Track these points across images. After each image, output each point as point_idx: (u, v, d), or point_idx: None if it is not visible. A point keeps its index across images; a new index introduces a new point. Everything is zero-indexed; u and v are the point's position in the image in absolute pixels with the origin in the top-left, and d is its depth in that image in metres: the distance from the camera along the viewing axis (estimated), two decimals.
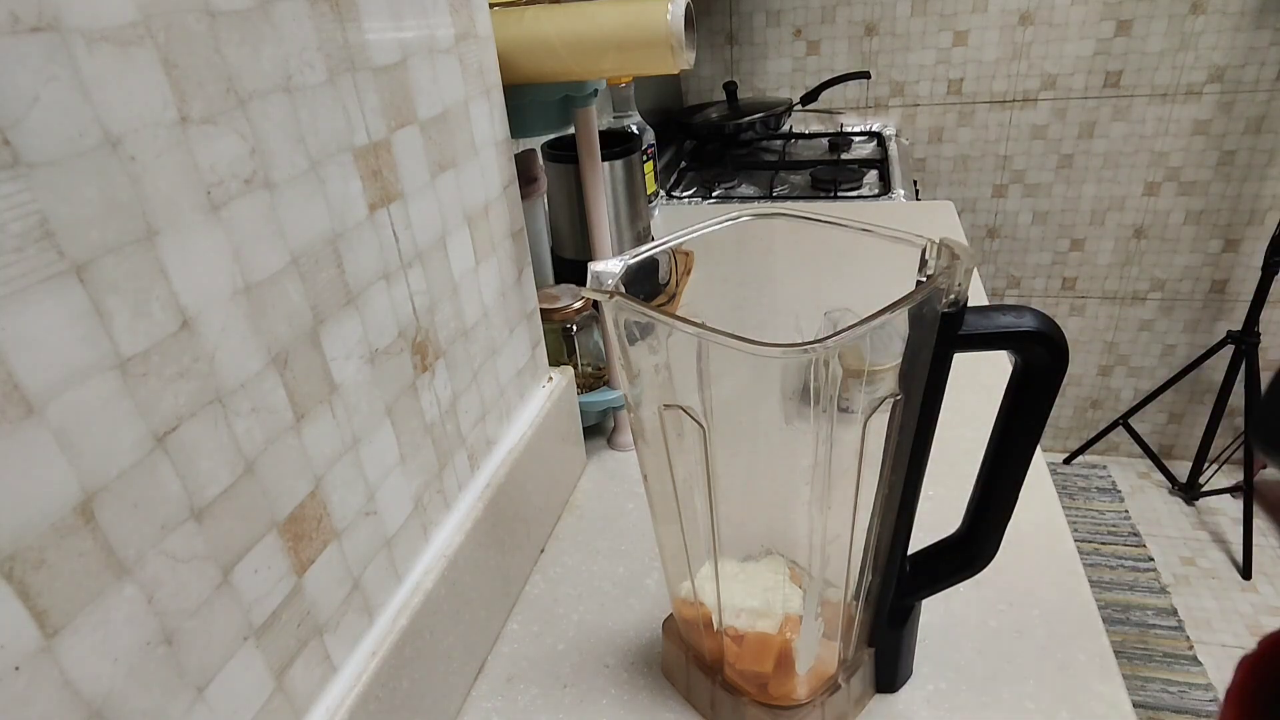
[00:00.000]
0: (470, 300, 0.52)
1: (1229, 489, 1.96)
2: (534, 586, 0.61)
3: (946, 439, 0.45)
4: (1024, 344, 0.38)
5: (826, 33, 1.83)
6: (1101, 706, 0.47)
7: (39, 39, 0.23)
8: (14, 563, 0.23)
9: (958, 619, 0.53)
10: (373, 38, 0.40)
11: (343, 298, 0.39)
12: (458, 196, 0.50)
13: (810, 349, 0.31)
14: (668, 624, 0.51)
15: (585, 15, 0.56)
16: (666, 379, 0.39)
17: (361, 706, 0.39)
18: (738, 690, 0.45)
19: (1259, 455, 1.77)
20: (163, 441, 0.28)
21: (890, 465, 0.39)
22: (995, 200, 1.96)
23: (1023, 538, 0.59)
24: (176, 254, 0.29)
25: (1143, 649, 1.63)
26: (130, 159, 0.26)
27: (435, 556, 0.48)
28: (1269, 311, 1.90)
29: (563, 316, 0.71)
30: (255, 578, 0.33)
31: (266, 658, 0.34)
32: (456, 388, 0.51)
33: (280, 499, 0.35)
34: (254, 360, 0.33)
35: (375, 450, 0.42)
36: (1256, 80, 1.71)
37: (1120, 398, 2.13)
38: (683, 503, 0.42)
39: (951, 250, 0.36)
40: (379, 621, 0.43)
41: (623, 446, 0.76)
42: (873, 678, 0.48)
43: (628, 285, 0.39)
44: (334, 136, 0.37)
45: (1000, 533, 0.44)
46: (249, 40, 0.31)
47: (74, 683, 0.25)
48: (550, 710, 0.50)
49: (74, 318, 0.25)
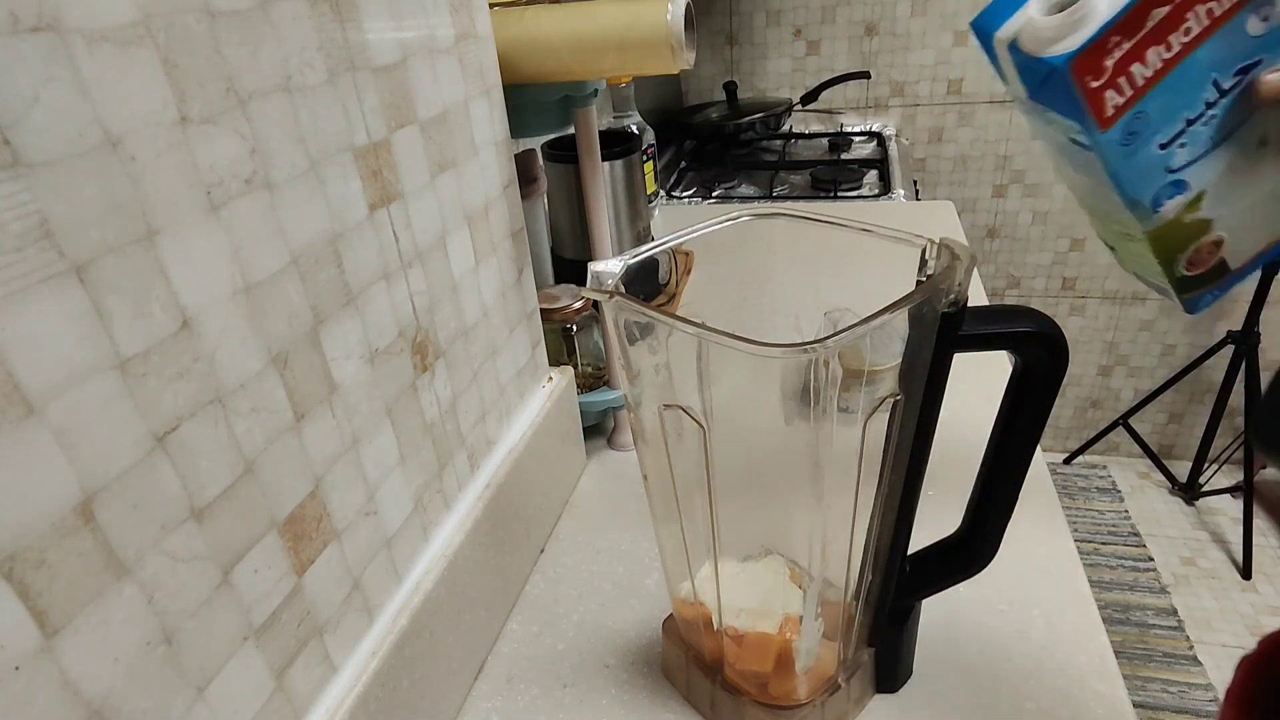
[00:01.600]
0: (470, 300, 0.52)
1: (1229, 489, 1.96)
2: (534, 586, 0.61)
3: (946, 439, 0.45)
4: (1024, 344, 0.38)
5: (826, 33, 1.83)
6: (1101, 707, 0.47)
7: (39, 39, 0.23)
8: (14, 563, 0.23)
9: (958, 619, 0.53)
10: (373, 38, 0.40)
11: (343, 298, 0.39)
12: (458, 196, 0.50)
13: (810, 349, 0.31)
14: (668, 624, 0.51)
15: (585, 15, 0.56)
16: (666, 379, 0.39)
17: (361, 706, 0.39)
18: (738, 690, 0.45)
19: (1259, 455, 1.78)
20: (163, 441, 0.28)
21: (890, 465, 0.39)
22: (995, 200, 1.95)
23: (1023, 538, 0.59)
24: (176, 254, 0.29)
25: (1143, 649, 1.63)
26: (130, 159, 0.26)
27: (435, 556, 0.48)
28: (1269, 311, 1.90)
29: (563, 316, 0.71)
30: (255, 578, 0.33)
31: (266, 658, 0.34)
32: (456, 388, 0.51)
33: (280, 499, 0.35)
34: (254, 360, 0.33)
35: (375, 450, 0.42)
36: None
37: (1120, 398, 2.13)
38: (683, 503, 0.42)
39: (951, 250, 0.36)
40: (379, 621, 0.43)
41: (623, 446, 0.76)
42: (873, 678, 0.48)
43: (628, 285, 0.39)
44: (334, 136, 0.37)
45: (1000, 533, 0.44)
46: (249, 40, 0.31)
47: (74, 683, 0.25)
48: (550, 710, 0.50)
49: (74, 318, 0.25)
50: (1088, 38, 0.34)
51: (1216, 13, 0.33)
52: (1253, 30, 0.34)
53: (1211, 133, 0.38)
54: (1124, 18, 0.33)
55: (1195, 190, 0.40)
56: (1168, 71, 0.35)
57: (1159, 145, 0.38)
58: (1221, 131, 0.38)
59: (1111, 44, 0.34)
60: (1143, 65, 0.35)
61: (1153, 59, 0.35)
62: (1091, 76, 0.35)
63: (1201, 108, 0.37)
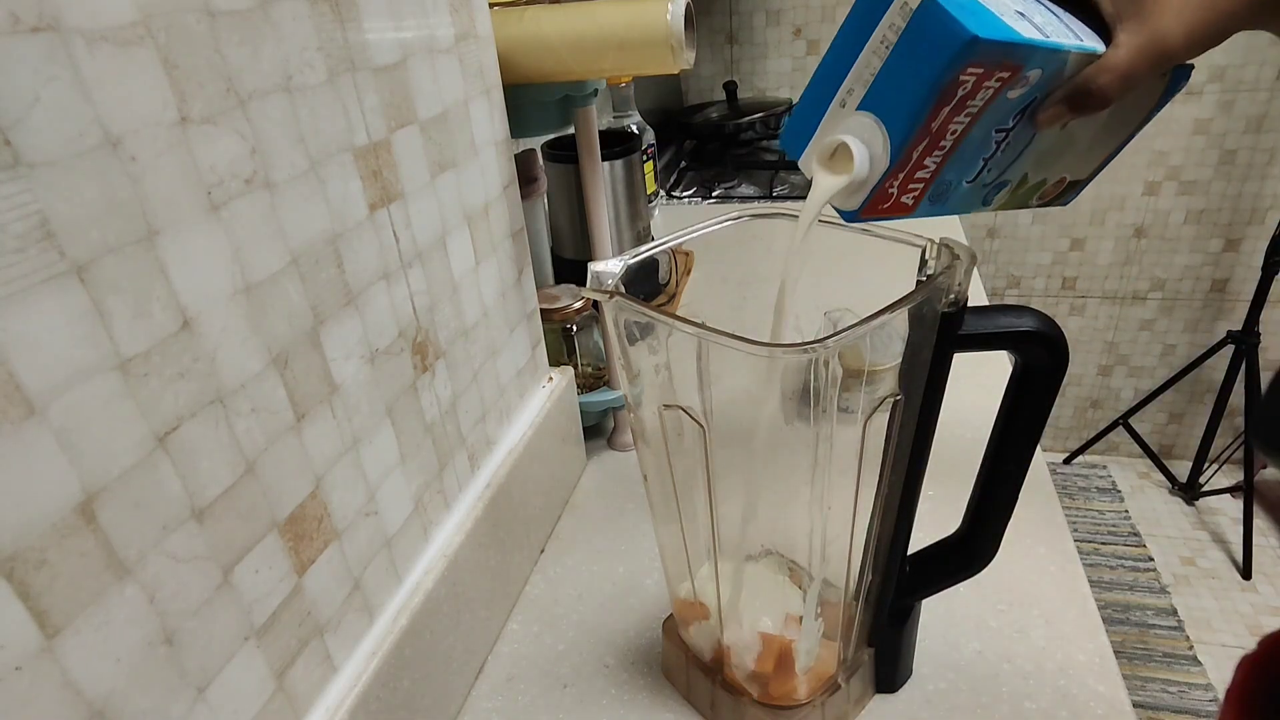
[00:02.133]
0: (470, 300, 0.52)
1: (1229, 489, 1.96)
2: (534, 586, 0.61)
3: (946, 439, 0.45)
4: (1024, 344, 0.38)
5: (826, 33, 1.83)
6: (1101, 706, 0.47)
7: (39, 39, 0.23)
8: (15, 563, 0.23)
9: (958, 619, 0.53)
10: (373, 38, 0.40)
11: (343, 298, 0.39)
12: (458, 196, 0.50)
13: (810, 349, 0.31)
14: (668, 624, 0.51)
15: (585, 15, 0.56)
16: (666, 379, 0.39)
17: (361, 706, 0.39)
18: (738, 690, 0.45)
19: (1259, 455, 1.78)
20: (163, 442, 0.28)
21: (890, 465, 0.39)
22: None
23: (1023, 538, 0.59)
24: (177, 254, 0.29)
25: (1143, 649, 1.63)
26: (130, 159, 0.26)
27: (435, 556, 0.48)
28: (1269, 311, 1.90)
29: (563, 316, 0.71)
30: (256, 578, 0.33)
31: (267, 658, 0.34)
32: (457, 388, 0.51)
33: (281, 499, 0.35)
34: (254, 360, 0.33)
35: (375, 450, 0.42)
36: (1256, 80, 1.71)
37: (1120, 398, 2.13)
38: (683, 503, 0.42)
39: (951, 250, 0.36)
40: (379, 621, 0.43)
41: (623, 446, 0.76)
42: (873, 678, 0.48)
43: (628, 285, 0.39)
44: (334, 136, 0.37)
45: (1000, 533, 0.44)
46: (249, 40, 0.31)
47: (75, 683, 0.25)
48: (550, 710, 0.50)
49: (75, 318, 0.25)
50: (865, 198, 0.36)
51: (975, 112, 0.35)
52: (1013, 95, 0.35)
53: (1012, 152, 0.39)
54: (893, 169, 0.35)
55: (1017, 178, 0.42)
56: (949, 157, 0.36)
57: (966, 182, 0.39)
58: (1020, 144, 0.39)
59: (889, 185, 0.36)
60: (925, 169, 0.36)
61: (931, 163, 0.36)
62: (883, 203, 0.36)
63: (993, 147, 0.38)
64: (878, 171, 0.35)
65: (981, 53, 0.31)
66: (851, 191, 0.36)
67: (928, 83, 0.32)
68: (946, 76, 0.32)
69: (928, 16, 0.31)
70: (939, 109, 0.33)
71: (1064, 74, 0.36)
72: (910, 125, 0.33)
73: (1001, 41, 0.32)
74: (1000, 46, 0.32)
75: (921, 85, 0.32)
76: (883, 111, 0.34)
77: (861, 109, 0.34)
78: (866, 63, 0.34)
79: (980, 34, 0.30)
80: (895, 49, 0.33)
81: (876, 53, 0.33)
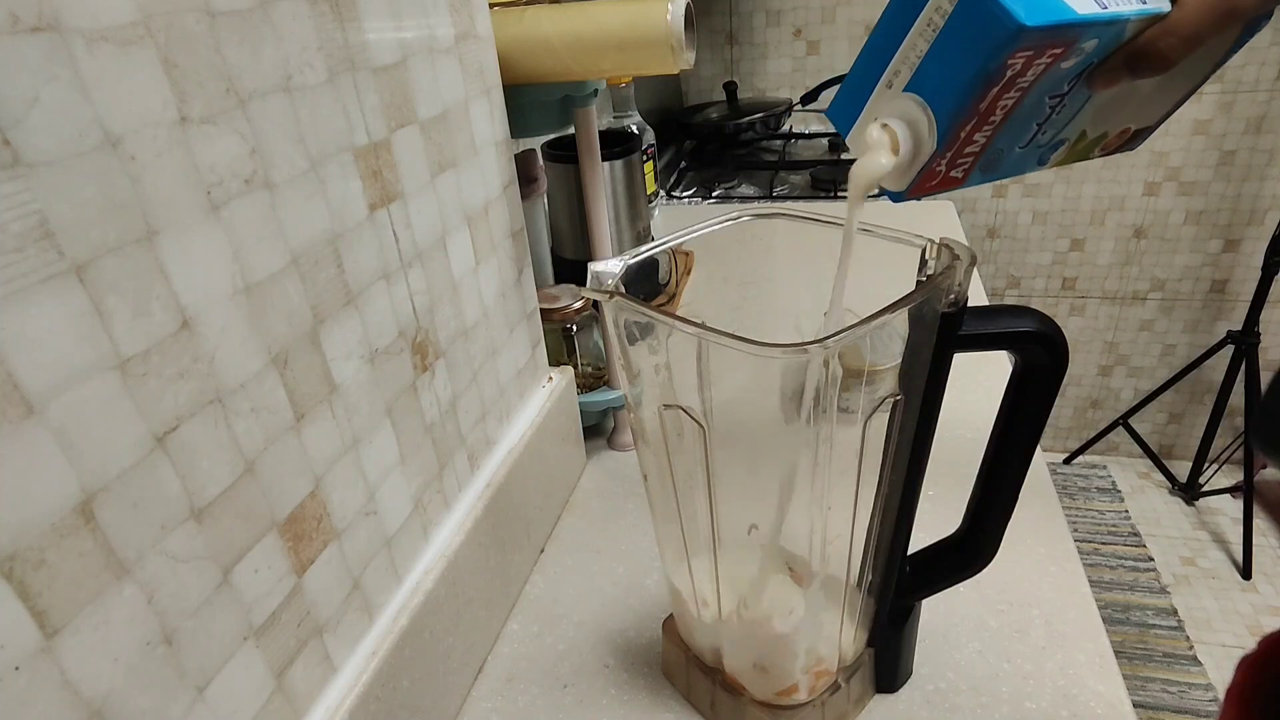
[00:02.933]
0: (470, 300, 0.52)
1: (1229, 489, 1.96)
2: (534, 586, 0.61)
3: (946, 439, 0.45)
4: (1024, 344, 0.38)
5: (826, 33, 1.83)
6: (1101, 706, 0.47)
7: (39, 39, 0.23)
8: (14, 563, 0.23)
9: (958, 619, 0.53)
10: (373, 38, 0.40)
11: (343, 298, 0.39)
12: (458, 196, 0.50)
13: (810, 349, 0.31)
14: (668, 624, 0.51)
15: (585, 15, 0.56)
16: (666, 379, 0.39)
17: (361, 706, 0.39)
18: (738, 690, 0.45)
19: (1259, 455, 1.77)
20: (163, 441, 0.28)
21: (890, 465, 0.39)
22: (995, 200, 1.95)
23: (1023, 538, 0.59)
24: (176, 254, 0.29)
25: (1143, 649, 1.63)
26: (130, 159, 0.26)
27: (435, 556, 0.48)
28: (1269, 311, 1.90)
29: (563, 316, 0.71)
30: (255, 578, 0.33)
31: (266, 658, 0.34)
32: (456, 388, 0.51)
33: (280, 499, 0.35)
34: (254, 360, 0.33)
35: (375, 450, 0.42)
36: (1256, 80, 1.71)
37: (1120, 398, 2.13)
38: (683, 503, 0.42)
39: (951, 250, 0.36)
40: (379, 621, 0.43)
41: (623, 446, 0.76)
42: (873, 678, 0.48)
43: (628, 285, 0.39)
44: (334, 136, 0.37)
45: (1000, 533, 0.44)
46: (249, 40, 0.31)
47: (74, 683, 0.25)
48: (550, 710, 0.50)
49: (74, 318, 0.25)
50: (912, 180, 0.35)
51: (1026, 86, 0.33)
52: (1067, 65, 0.34)
53: (1068, 113, 0.38)
54: (940, 151, 0.34)
55: (1075, 135, 0.40)
56: (999, 129, 0.35)
57: (1020, 148, 0.38)
58: (1077, 104, 0.37)
59: (937, 164, 0.35)
60: (974, 144, 0.35)
61: (980, 138, 0.35)
62: (931, 180, 0.35)
63: (1046, 112, 0.36)
64: (924, 154, 0.34)
65: (1031, 38, 0.30)
66: (899, 174, 0.35)
67: (973, 69, 0.31)
68: (993, 63, 0.30)
69: (974, 2, 0.30)
70: (986, 91, 0.32)
71: (1123, 38, 0.34)
72: (957, 110, 0.32)
73: (1053, 25, 0.30)
74: (1052, 29, 0.30)
75: (967, 72, 0.31)
76: (929, 95, 0.33)
77: (908, 91, 0.33)
78: (913, 44, 0.32)
79: (1028, 22, 0.29)
80: (941, 33, 0.31)
81: (923, 35, 0.32)
